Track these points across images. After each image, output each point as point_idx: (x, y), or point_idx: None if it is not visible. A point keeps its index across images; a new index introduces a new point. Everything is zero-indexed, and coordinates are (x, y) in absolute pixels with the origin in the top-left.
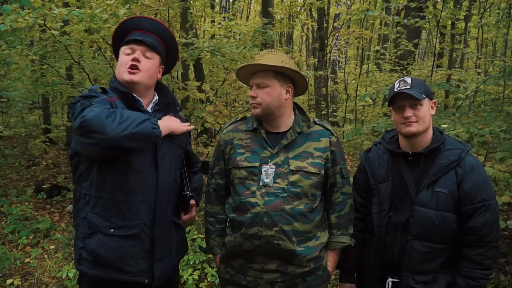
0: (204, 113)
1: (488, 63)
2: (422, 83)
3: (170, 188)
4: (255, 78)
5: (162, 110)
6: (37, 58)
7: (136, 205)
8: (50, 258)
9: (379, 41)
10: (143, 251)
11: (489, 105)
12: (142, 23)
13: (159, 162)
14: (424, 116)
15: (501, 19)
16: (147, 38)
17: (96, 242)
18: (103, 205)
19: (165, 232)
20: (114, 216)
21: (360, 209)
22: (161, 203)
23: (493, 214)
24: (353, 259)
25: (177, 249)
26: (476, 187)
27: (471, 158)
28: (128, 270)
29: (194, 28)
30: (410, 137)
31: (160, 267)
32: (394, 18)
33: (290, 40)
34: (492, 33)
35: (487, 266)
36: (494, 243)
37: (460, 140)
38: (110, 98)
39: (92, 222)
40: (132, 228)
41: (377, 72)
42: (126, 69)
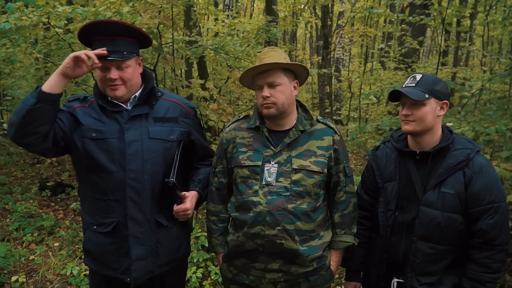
0: (208, 111)
1: (494, 61)
2: (431, 82)
3: (144, 186)
4: (266, 77)
5: (143, 103)
6: (41, 56)
7: (109, 204)
8: (55, 255)
9: (383, 39)
10: (120, 249)
11: (495, 103)
12: (105, 29)
13: (127, 161)
14: (422, 116)
15: (507, 17)
16: (116, 47)
17: (86, 237)
18: (88, 203)
19: (142, 231)
20: (97, 213)
21: (367, 207)
22: (132, 202)
23: (502, 217)
24: (359, 258)
25: (166, 249)
26: (484, 189)
27: (481, 159)
28: (113, 266)
29: (198, 26)
30: (413, 135)
31: (140, 267)
32: (399, 15)
33: (294, 38)
34: (498, 31)
35: (494, 269)
36: (503, 246)
37: (471, 139)
38: (76, 106)
39: (83, 219)
40: (108, 225)
41: (381, 70)
42: (107, 86)
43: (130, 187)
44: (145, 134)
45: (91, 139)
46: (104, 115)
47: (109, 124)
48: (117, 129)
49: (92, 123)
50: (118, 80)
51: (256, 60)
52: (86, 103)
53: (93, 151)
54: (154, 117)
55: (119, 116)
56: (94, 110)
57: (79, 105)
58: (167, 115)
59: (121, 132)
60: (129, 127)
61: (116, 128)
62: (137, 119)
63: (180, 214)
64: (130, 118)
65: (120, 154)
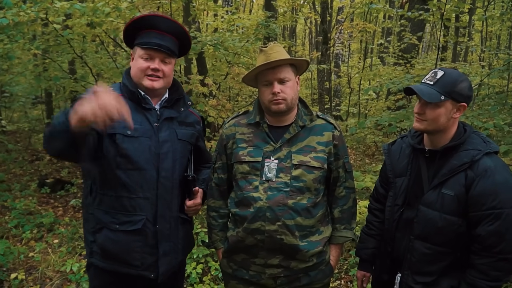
0: (207, 107)
1: (492, 56)
2: (451, 82)
3: (173, 185)
4: (277, 73)
5: (171, 106)
6: (39, 53)
7: (138, 202)
8: (54, 252)
9: (382, 34)
10: (147, 246)
11: (493, 98)
12: (159, 24)
13: (161, 160)
14: (435, 118)
15: (505, 12)
16: (165, 42)
17: (104, 237)
18: (108, 202)
19: (169, 227)
20: (119, 212)
21: (382, 200)
22: (163, 200)
23: (505, 224)
24: (371, 249)
25: (183, 245)
26: (486, 193)
27: (488, 161)
28: (135, 264)
29: (197, 21)
30: (426, 133)
31: (165, 263)
32: (398, 11)
33: (293, 33)
34: (496, 26)
35: (493, 277)
36: (504, 255)
37: (488, 139)
38: None
39: (99, 218)
40: (135, 223)
41: (381, 66)
42: (145, 76)
43: (162, 185)
44: (174, 136)
45: (125, 136)
46: (134, 110)
47: (140, 121)
48: (149, 128)
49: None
50: (160, 72)
51: (258, 56)
52: None
53: (127, 149)
54: (179, 120)
55: (149, 115)
56: None
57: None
58: (187, 120)
59: (152, 131)
60: (162, 128)
61: (148, 127)
62: (166, 120)
63: (192, 209)
64: (162, 120)
65: (153, 153)
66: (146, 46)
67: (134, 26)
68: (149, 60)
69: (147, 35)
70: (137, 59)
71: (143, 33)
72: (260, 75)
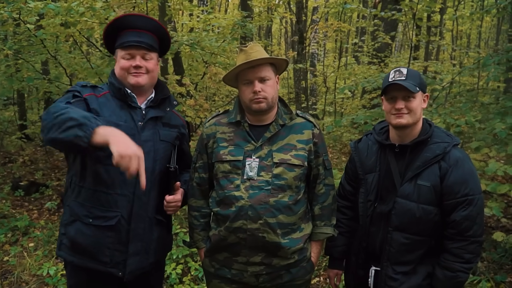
0: (185, 107)
1: (463, 55)
2: (417, 75)
3: (151, 185)
4: (257, 72)
5: (157, 106)
6: (11, 53)
7: (115, 198)
8: (30, 256)
9: (357, 34)
10: (118, 244)
11: (465, 95)
12: (135, 22)
13: None
14: (415, 108)
15: (474, 11)
16: (143, 39)
17: (75, 229)
18: (85, 195)
19: (143, 227)
20: (94, 206)
21: (349, 197)
22: (140, 199)
23: (476, 209)
24: (341, 246)
25: (156, 247)
26: (459, 182)
27: (457, 152)
28: (104, 260)
29: (173, 21)
30: (399, 129)
31: (134, 262)
32: (371, 10)
33: (269, 33)
34: (466, 25)
35: (467, 259)
36: (476, 238)
37: (450, 133)
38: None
39: (74, 210)
40: (109, 219)
41: (356, 65)
42: (129, 74)
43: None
44: (157, 136)
45: None
46: (119, 108)
47: (125, 119)
48: (132, 127)
49: (109, 115)
50: (143, 68)
51: (238, 55)
52: (98, 93)
53: None
54: (163, 122)
55: (134, 114)
56: (108, 102)
57: (91, 93)
58: (171, 122)
59: (135, 130)
60: (145, 127)
61: (131, 125)
62: (151, 120)
63: (172, 205)
64: (147, 119)
65: None
66: (125, 45)
67: (111, 29)
68: (131, 59)
69: (125, 36)
70: (119, 60)
71: (121, 34)
72: (241, 74)
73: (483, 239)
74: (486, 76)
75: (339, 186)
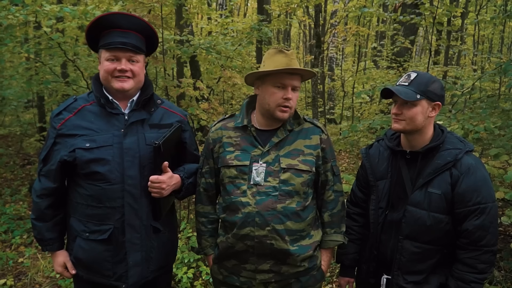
0: (199, 111)
1: (485, 60)
2: (425, 82)
3: (142, 193)
4: (294, 80)
5: (141, 108)
6: (31, 56)
7: (105, 211)
8: (44, 258)
9: (376, 38)
10: (117, 256)
11: (485, 101)
12: (120, 21)
13: (126, 168)
14: (413, 116)
15: (496, 16)
16: (129, 40)
17: (76, 246)
18: (81, 210)
19: (140, 237)
20: (89, 221)
21: (361, 204)
22: (131, 208)
23: (489, 218)
24: (353, 254)
25: (158, 255)
26: (471, 189)
27: (469, 159)
28: (107, 274)
29: (190, 25)
30: (404, 134)
31: (136, 273)
32: (390, 14)
33: (287, 37)
34: (488, 30)
35: (480, 270)
36: (489, 248)
37: (463, 139)
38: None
39: (73, 226)
40: (104, 233)
41: (374, 69)
42: (113, 78)
43: (128, 193)
44: (142, 141)
45: (85, 149)
46: (100, 118)
47: (104, 129)
48: (114, 135)
49: (84, 132)
50: (128, 72)
51: (271, 55)
52: (71, 112)
53: (89, 161)
54: (150, 123)
55: (116, 121)
56: (84, 116)
57: (64, 119)
58: (162, 122)
59: (118, 138)
60: (127, 133)
61: (112, 133)
62: (134, 125)
63: (155, 186)
64: (129, 125)
65: (118, 161)
66: (110, 46)
67: (95, 28)
68: (115, 62)
69: (109, 36)
70: (103, 62)
71: (105, 33)
72: (276, 76)
73: (496, 248)
74: (508, 82)
75: (350, 192)
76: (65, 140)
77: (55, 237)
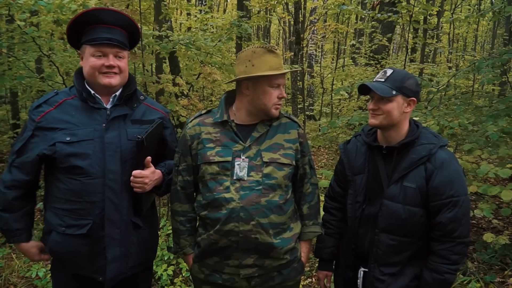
0: (178, 107)
1: (459, 58)
2: (400, 78)
3: (123, 187)
4: (284, 79)
5: (123, 103)
6: (4, 51)
7: (85, 206)
8: (19, 258)
9: (355, 35)
10: (95, 250)
11: (459, 98)
12: (106, 17)
13: (107, 162)
14: (389, 111)
15: (471, 15)
16: (115, 36)
17: (51, 240)
18: (58, 204)
19: (119, 232)
20: (66, 215)
21: (339, 199)
22: (111, 203)
23: (461, 210)
24: (331, 248)
25: (138, 250)
26: (444, 183)
27: (443, 154)
28: (84, 266)
29: (169, 20)
30: (381, 129)
31: (114, 268)
32: (369, 12)
33: (267, 34)
34: (463, 29)
35: (453, 261)
36: (462, 239)
37: (438, 134)
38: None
39: (48, 220)
40: (82, 227)
41: (353, 66)
42: (100, 73)
43: (109, 188)
44: (124, 136)
45: (65, 143)
46: (81, 112)
47: (85, 124)
48: (95, 129)
49: (65, 126)
50: (116, 68)
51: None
52: (52, 105)
53: (69, 155)
54: (132, 119)
55: (97, 115)
56: (65, 110)
57: (44, 112)
58: (144, 118)
59: (99, 133)
60: (109, 128)
61: (94, 128)
62: (116, 120)
63: (137, 181)
64: (110, 119)
65: (99, 156)
66: (96, 42)
67: (79, 23)
68: (102, 57)
69: (94, 31)
70: (88, 57)
71: (89, 29)
72: (271, 77)
73: (469, 240)
74: (481, 79)
75: (328, 187)
76: (45, 133)
77: (23, 227)
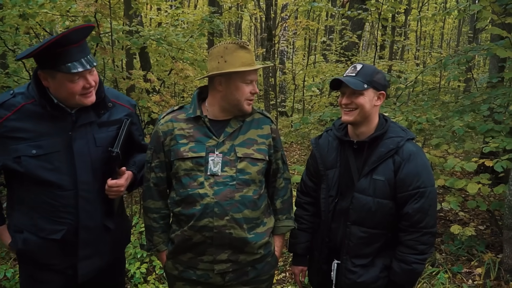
0: (150, 103)
1: (426, 55)
2: (370, 73)
3: (96, 195)
4: (256, 75)
5: (90, 109)
6: None
7: (59, 214)
8: None
9: (325, 32)
10: (67, 250)
11: (427, 94)
12: (73, 37)
13: (78, 174)
14: (362, 105)
15: (437, 13)
16: (84, 51)
17: (24, 239)
18: (29, 206)
19: (93, 236)
20: (39, 217)
21: (311, 194)
22: (86, 212)
23: (428, 201)
24: (304, 243)
25: (112, 247)
26: (411, 175)
27: (411, 146)
28: (53, 263)
29: (139, 15)
30: (353, 125)
31: (87, 265)
32: (339, 9)
33: (239, 30)
34: (430, 26)
35: (420, 251)
36: (428, 229)
37: (405, 128)
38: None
39: (17, 218)
40: (56, 233)
41: (324, 63)
42: (81, 96)
43: (83, 198)
44: (92, 143)
45: (31, 157)
46: (44, 120)
47: (50, 133)
48: (62, 139)
49: (28, 136)
50: (92, 86)
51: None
52: (9, 110)
53: (36, 169)
54: (98, 122)
55: (62, 122)
56: (25, 116)
57: (2, 119)
58: (111, 118)
59: (66, 142)
60: (76, 136)
61: (60, 137)
62: (83, 127)
63: (113, 190)
64: (77, 127)
65: (68, 166)
66: (77, 70)
67: (50, 47)
68: (80, 79)
69: (67, 55)
70: (64, 83)
71: (61, 51)
72: (244, 73)
73: (435, 230)
74: (447, 76)
75: (300, 182)
76: (5, 141)
77: None
